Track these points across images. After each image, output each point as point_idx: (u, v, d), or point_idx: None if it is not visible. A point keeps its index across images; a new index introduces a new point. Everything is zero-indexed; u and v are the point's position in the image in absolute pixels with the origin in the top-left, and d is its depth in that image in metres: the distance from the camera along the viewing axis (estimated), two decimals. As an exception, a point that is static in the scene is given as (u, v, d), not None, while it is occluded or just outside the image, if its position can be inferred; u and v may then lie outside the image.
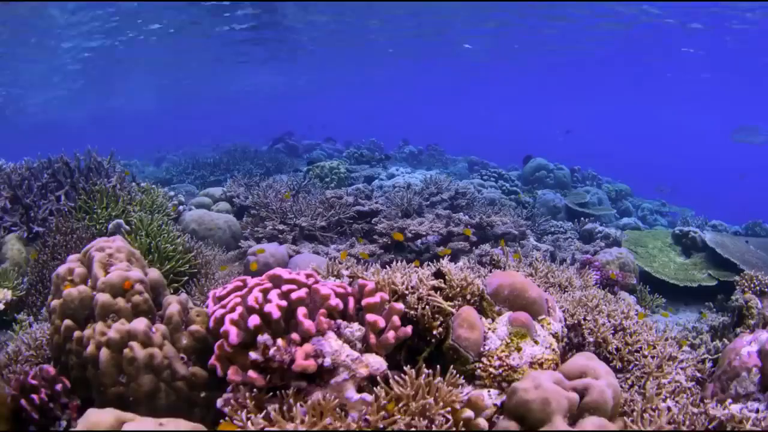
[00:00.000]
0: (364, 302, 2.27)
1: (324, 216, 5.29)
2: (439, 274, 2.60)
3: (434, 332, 2.33)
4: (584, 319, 2.78)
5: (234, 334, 2.29)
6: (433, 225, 4.56)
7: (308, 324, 2.15)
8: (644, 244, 7.23)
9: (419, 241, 4.64)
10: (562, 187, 10.94)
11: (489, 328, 2.30)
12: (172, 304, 3.18)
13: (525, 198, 8.73)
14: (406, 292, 2.39)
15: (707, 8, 13.63)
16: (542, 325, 2.38)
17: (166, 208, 6.08)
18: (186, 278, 4.91)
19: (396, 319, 2.23)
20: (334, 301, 2.20)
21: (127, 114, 36.80)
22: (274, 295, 2.27)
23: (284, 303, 2.22)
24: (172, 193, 6.73)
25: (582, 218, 8.73)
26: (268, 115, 35.48)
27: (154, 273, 3.52)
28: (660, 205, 13.92)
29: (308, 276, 2.43)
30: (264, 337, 2.22)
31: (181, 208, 6.50)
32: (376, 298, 2.26)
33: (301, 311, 2.19)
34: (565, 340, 2.72)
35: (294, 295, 2.23)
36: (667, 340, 3.07)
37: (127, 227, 5.39)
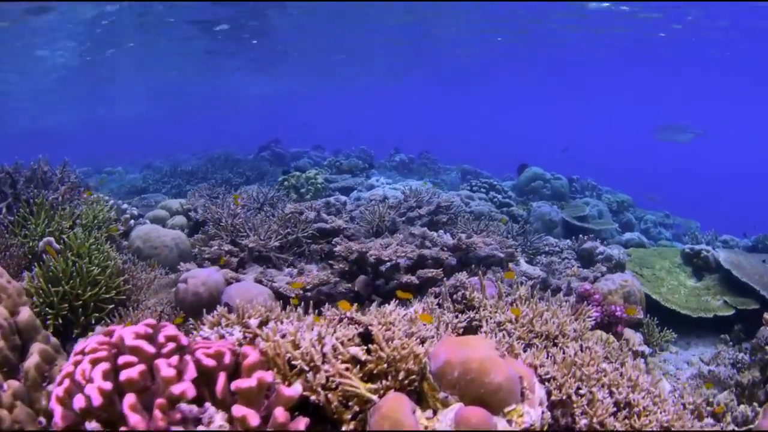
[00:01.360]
0: (233, 386, 1.47)
1: (280, 234, 4.49)
2: (368, 336, 1.81)
3: (344, 428, 1.53)
4: (576, 393, 1.97)
5: (59, 415, 1.56)
6: (398, 248, 3.76)
7: (135, 420, 1.36)
8: (651, 264, 6.41)
9: (384, 266, 3.84)
10: (559, 198, 10.12)
11: (426, 427, 1.50)
12: (32, 356, 2.46)
13: (518, 211, 7.91)
14: (307, 368, 1.59)
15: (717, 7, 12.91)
16: (510, 420, 1.57)
17: (110, 222, 5.32)
18: (111, 307, 4.13)
19: (280, 413, 1.42)
20: (180, 388, 1.40)
21: (120, 120, 36.25)
22: (98, 372, 1.48)
23: (108, 386, 1.43)
24: (125, 206, 5.97)
25: (581, 234, 7.90)
26: (262, 122, 34.86)
27: (25, 313, 2.78)
28: (664, 217, 13.07)
29: (168, 339, 1.63)
30: (92, 425, 1.46)
31: (132, 222, 5.74)
32: (251, 381, 1.45)
33: (129, 401, 1.39)
34: (549, 421, 1.91)
35: (123, 376, 1.43)
36: (685, 408, 2.27)
37: (57, 246, 4.63)
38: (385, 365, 1.61)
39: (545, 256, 5.68)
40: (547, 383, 1.99)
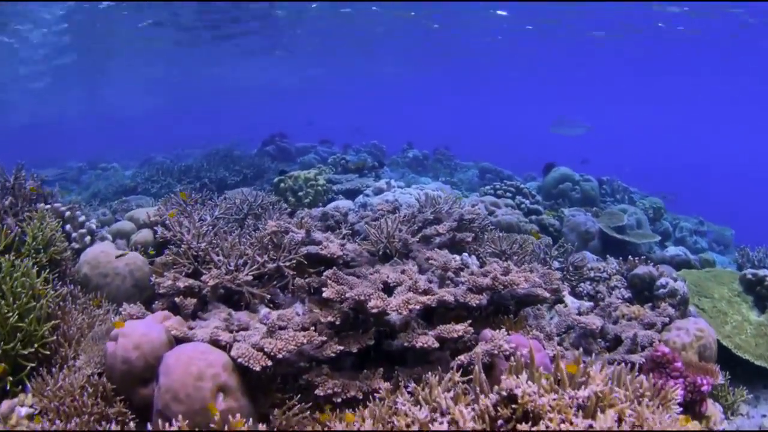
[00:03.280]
0: None
1: (256, 262, 3.39)
2: None
3: None
4: None
5: None
6: (411, 296, 2.62)
7: None
8: (708, 292, 5.24)
9: (390, 318, 2.73)
10: (589, 203, 8.91)
11: None
12: None
13: (548, 220, 6.74)
14: None
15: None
16: None
17: (56, 242, 4.24)
18: (32, 366, 3.05)
19: None
20: None
21: (123, 114, 35.25)
22: None
23: None
24: (82, 218, 4.89)
25: (618, 247, 6.72)
26: (271, 115, 33.69)
27: None
28: (698, 224, 11.82)
29: None
30: None
31: (87, 239, 4.66)
32: None
33: None
34: None
35: None
36: None
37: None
38: None
39: (590, 282, 4.53)
40: None
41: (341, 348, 2.59)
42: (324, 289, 2.80)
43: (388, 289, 3.15)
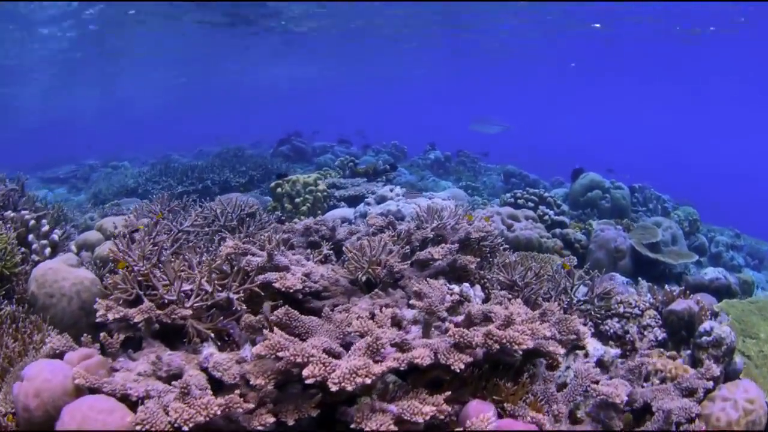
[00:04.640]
0: None
1: (203, 290, 2.77)
2: None
3: None
4: None
5: None
6: (362, 365, 1.93)
7: None
8: (754, 331, 4.38)
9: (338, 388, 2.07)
10: (620, 213, 8.05)
11: None
12: None
13: (575, 234, 5.94)
14: None
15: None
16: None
17: (5, 256, 3.73)
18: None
19: None
20: None
21: (144, 111, 35.33)
22: None
23: None
24: (46, 228, 4.38)
25: (654, 266, 5.90)
26: (293, 114, 33.30)
27: None
28: (734, 237, 10.78)
29: None
30: None
31: (47, 251, 4.15)
32: None
33: None
34: None
35: None
36: None
37: None
38: None
39: (617, 320, 3.76)
40: None
41: (272, 421, 1.94)
42: (254, 348, 2.16)
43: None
